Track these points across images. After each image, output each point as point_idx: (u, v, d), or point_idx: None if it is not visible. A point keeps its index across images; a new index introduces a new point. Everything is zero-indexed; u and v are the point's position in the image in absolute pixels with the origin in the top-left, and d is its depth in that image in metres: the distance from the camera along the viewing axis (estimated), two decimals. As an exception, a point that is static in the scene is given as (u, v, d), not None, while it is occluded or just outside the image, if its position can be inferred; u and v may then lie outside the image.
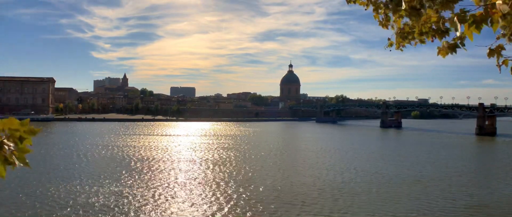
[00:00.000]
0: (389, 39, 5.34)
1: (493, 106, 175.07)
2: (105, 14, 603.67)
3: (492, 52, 4.09)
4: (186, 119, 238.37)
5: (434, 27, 4.60)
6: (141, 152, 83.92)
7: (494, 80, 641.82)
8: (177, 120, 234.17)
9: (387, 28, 5.24)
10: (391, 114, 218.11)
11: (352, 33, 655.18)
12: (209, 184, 51.53)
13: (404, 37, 5.05)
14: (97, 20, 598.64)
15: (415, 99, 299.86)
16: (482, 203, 44.81)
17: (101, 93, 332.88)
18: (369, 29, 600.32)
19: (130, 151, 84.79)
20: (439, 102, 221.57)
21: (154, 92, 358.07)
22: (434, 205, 43.28)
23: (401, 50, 5.40)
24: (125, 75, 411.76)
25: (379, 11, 5.18)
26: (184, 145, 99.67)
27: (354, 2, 5.37)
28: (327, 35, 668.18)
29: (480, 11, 3.88)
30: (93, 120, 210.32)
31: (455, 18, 3.98)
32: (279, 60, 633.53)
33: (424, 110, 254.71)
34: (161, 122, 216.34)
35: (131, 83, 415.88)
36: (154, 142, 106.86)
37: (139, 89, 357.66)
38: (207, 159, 75.78)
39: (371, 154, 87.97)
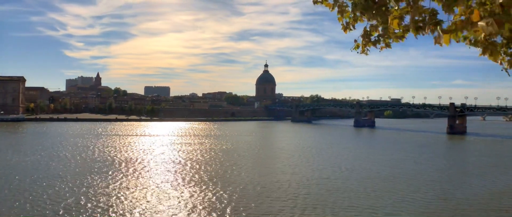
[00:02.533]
0: (355, 41, 5.48)
1: (463, 106, 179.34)
2: (78, 12, 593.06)
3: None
4: (161, 119, 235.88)
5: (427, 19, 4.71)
6: (116, 153, 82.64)
7: (464, 81, 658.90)
8: (151, 120, 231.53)
9: (350, 30, 5.40)
10: (364, 114, 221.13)
11: (326, 33, 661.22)
12: (185, 185, 51.51)
13: (369, 39, 5.20)
14: (70, 18, 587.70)
15: (388, 99, 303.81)
16: (454, 197, 46.48)
17: (74, 93, 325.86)
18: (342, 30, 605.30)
19: (104, 153, 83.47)
20: (411, 102, 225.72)
21: (128, 91, 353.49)
22: (408, 200, 44.61)
23: (366, 54, 5.54)
24: (98, 75, 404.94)
25: (344, 14, 5.32)
26: (158, 146, 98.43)
27: (321, 3, 5.50)
28: (302, 36, 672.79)
29: (459, 21, 3.92)
30: (66, 120, 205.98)
31: (438, 27, 4.15)
32: (255, 60, 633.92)
33: (396, 109, 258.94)
34: (135, 122, 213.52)
35: (104, 83, 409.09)
36: (128, 143, 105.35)
37: (113, 88, 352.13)
38: (182, 159, 75.34)
39: (346, 153, 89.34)
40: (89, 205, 39.72)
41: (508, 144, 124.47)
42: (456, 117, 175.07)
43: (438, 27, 4.23)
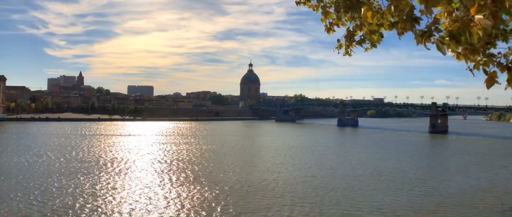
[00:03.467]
0: (338, 40, 5.61)
1: (445, 105, 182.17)
2: (60, 10, 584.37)
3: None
4: (144, 119, 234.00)
5: (404, 17, 4.84)
6: (100, 153, 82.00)
7: (446, 81, 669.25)
8: (134, 120, 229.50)
9: (333, 31, 5.53)
10: (348, 113, 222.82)
11: (311, 33, 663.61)
12: (171, 185, 51.74)
13: (352, 40, 5.33)
14: (52, 16, 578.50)
15: (371, 99, 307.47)
16: (437, 193, 47.73)
17: (56, 92, 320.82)
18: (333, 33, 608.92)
19: (88, 153, 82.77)
20: (394, 102, 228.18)
21: (111, 91, 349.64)
22: (392, 196, 45.61)
23: (350, 55, 5.67)
24: (80, 74, 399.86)
25: (327, 15, 5.45)
26: (143, 146, 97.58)
27: (304, 4, 5.61)
28: (286, 35, 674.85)
29: (457, 25, 4.05)
30: (47, 119, 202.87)
31: (438, 39, 4.26)
32: (239, 59, 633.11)
33: (379, 109, 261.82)
34: (118, 122, 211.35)
35: (87, 82, 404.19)
36: (112, 143, 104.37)
37: (95, 88, 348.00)
38: (168, 159, 75.34)
39: (330, 152, 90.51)
40: (77, 205, 39.58)
41: (489, 142, 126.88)
42: (438, 116, 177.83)
43: (438, 36, 4.34)
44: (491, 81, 3.94)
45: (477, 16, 3.75)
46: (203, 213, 37.88)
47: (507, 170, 64.35)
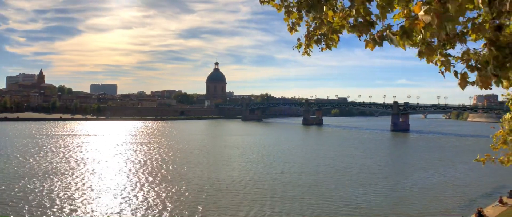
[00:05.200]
0: (298, 39, 5.74)
1: (406, 104, 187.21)
2: (20, 6, 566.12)
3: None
4: (107, 118, 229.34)
5: (360, 20, 5.00)
6: (64, 154, 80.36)
7: (407, 80, 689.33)
8: (97, 119, 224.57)
9: (295, 31, 5.66)
10: (313, 112, 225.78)
11: (276, 33, 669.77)
12: (137, 184, 51.35)
13: (311, 39, 5.47)
14: (11, 12, 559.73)
15: (335, 98, 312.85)
16: (400, 188, 49.61)
17: (15, 91, 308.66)
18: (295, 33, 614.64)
19: (50, 154, 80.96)
20: (357, 101, 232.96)
21: (73, 89, 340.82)
22: (358, 191, 46.87)
23: (309, 54, 5.82)
24: (41, 72, 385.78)
25: (290, 15, 5.57)
26: (106, 146, 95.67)
27: (268, 3, 5.72)
28: (252, 35, 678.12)
29: (409, 21, 4.23)
30: (6, 119, 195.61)
31: (388, 31, 4.44)
32: (205, 58, 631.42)
33: (343, 108, 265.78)
34: (80, 121, 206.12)
35: (48, 80, 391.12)
36: (76, 144, 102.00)
37: (57, 86, 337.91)
38: (134, 159, 74.44)
39: (297, 149, 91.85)
40: (40, 208, 38.86)
41: (449, 140, 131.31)
42: (400, 115, 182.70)
43: (388, 31, 4.53)
44: (464, 82, 4.15)
45: (420, 13, 3.85)
46: (172, 212, 37.77)
47: (467, 165, 66.94)
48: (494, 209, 35.78)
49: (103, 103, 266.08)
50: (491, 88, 4.11)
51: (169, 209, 38.31)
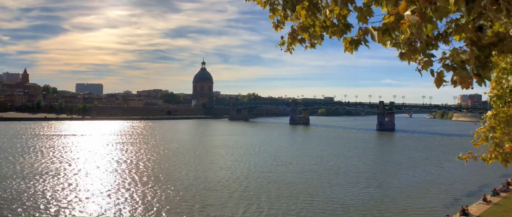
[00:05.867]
0: (282, 37, 5.74)
1: (392, 104, 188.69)
2: (5, 4, 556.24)
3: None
4: (93, 118, 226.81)
5: (335, 21, 5.01)
6: (43, 155, 79.48)
7: (393, 80, 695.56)
8: (83, 119, 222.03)
9: (281, 28, 5.66)
10: (299, 112, 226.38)
11: (263, 32, 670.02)
12: (126, 184, 51.15)
13: (295, 37, 5.47)
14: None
15: (322, 98, 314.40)
16: (386, 186, 50.33)
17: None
18: (281, 30, 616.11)
19: (35, 155, 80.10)
20: (343, 101, 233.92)
21: (58, 89, 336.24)
22: (345, 189, 47.49)
23: (291, 53, 5.82)
24: (25, 71, 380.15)
25: (275, 12, 5.56)
26: (93, 146, 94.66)
27: (253, 0, 5.70)
28: (239, 34, 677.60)
29: (391, 18, 4.25)
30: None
31: (370, 26, 4.46)
32: (191, 57, 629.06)
33: (329, 107, 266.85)
34: (66, 121, 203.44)
35: (32, 80, 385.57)
36: (61, 144, 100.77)
37: (42, 86, 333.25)
38: (120, 160, 73.99)
39: (284, 149, 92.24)
40: (22, 208, 38.57)
41: (434, 139, 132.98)
42: (385, 114, 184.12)
43: (371, 27, 4.55)
44: (440, 81, 4.18)
45: (406, 13, 3.87)
46: (160, 211, 37.83)
47: (452, 164, 67.90)
48: (478, 207, 36.36)
49: (88, 103, 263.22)
50: (472, 88, 4.16)
51: (156, 208, 38.32)
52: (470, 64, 3.94)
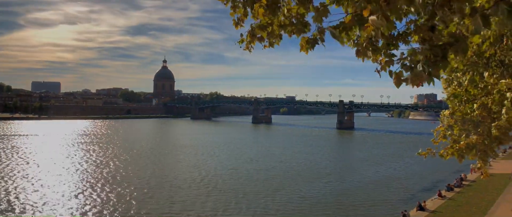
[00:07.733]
0: (241, 35, 5.73)
1: (351, 103, 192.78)
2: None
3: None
4: (50, 117, 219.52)
5: (294, 20, 5.03)
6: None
7: (352, 80, 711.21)
8: (39, 118, 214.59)
9: (241, 26, 5.65)
10: (262, 111, 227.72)
11: (226, 31, 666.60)
12: (88, 185, 49.98)
13: (254, 36, 5.47)
14: None
15: (284, 97, 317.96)
16: (346, 181, 51.97)
17: None
18: (241, 28, 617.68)
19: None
20: (305, 100, 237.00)
21: (13, 87, 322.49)
22: (309, 184, 48.43)
23: (250, 51, 5.83)
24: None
25: (236, 10, 5.54)
26: (45, 147, 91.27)
27: (215, -4, 5.69)
28: (201, 32, 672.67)
29: (349, 17, 4.30)
30: None
31: (328, 27, 4.49)
32: (152, 55, 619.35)
33: (291, 106, 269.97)
34: (20, 121, 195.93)
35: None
36: (9, 144, 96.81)
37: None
38: (81, 161, 71.81)
39: (247, 147, 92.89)
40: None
41: (391, 137, 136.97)
42: (345, 113, 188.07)
43: (328, 27, 4.60)
44: (399, 80, 4.27)
45: (371, 18, 3.92)
46: (130, 209, 37.60)
47: (411, 160, 70.55)
48: (433, 202, 37.74)
49: (45, 102, 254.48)
50: (422, 85, 4.26)
51: (124, 207, 37.92)
52: (420, 62, 4.05)
